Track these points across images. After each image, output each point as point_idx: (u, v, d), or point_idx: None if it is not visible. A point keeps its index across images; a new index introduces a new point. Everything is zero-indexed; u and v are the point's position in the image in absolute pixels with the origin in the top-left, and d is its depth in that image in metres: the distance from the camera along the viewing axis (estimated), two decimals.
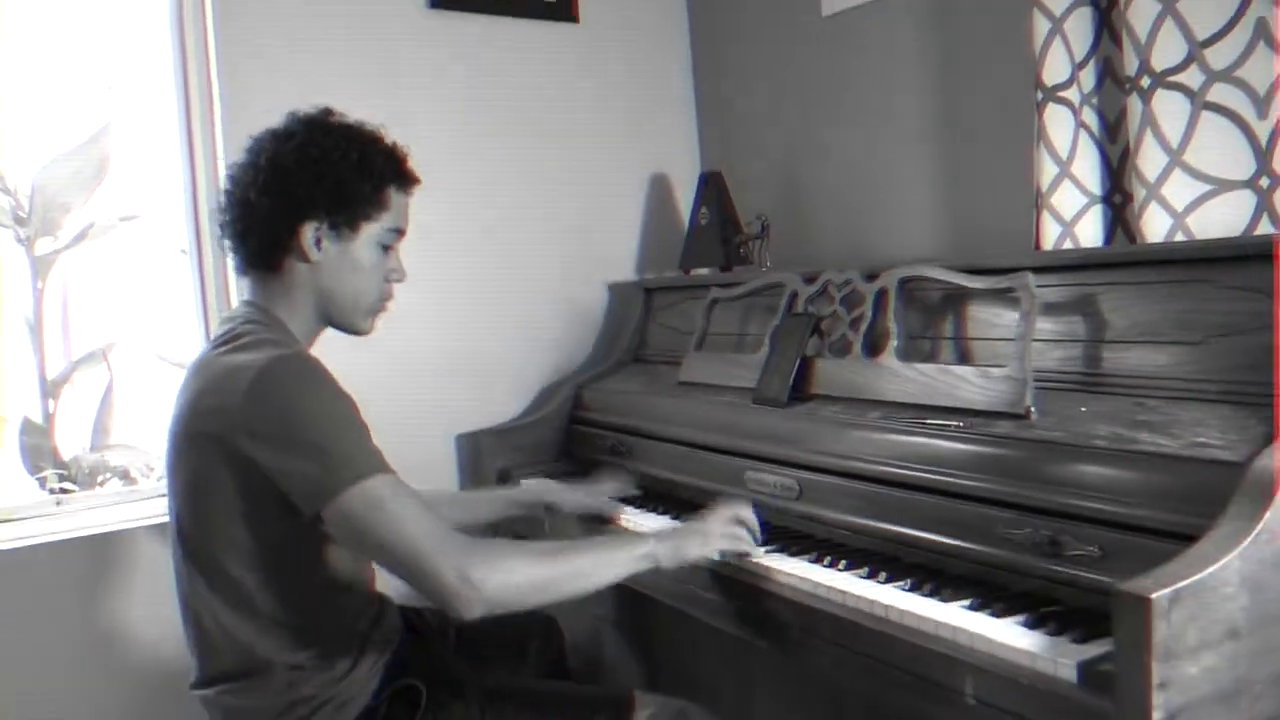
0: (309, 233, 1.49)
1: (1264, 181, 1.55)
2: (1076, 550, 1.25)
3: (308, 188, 1.48)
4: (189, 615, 1.49)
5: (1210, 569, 0.99)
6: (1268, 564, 1.03)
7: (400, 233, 1.58)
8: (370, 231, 1.53)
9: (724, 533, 1.53)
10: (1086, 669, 1.07)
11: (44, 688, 2.02)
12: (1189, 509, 1.14)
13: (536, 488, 2.02)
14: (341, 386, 1.40)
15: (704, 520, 1.55)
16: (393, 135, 1.60)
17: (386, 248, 1.57)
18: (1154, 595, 0.95)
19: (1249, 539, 1.01)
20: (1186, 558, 1.01)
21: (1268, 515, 1.03)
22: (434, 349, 2.42)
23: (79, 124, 2.95)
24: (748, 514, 1.57)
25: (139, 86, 3.00)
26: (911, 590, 1.35)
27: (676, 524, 1.81)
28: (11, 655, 2.00)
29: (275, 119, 1.58)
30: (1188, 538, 1.07)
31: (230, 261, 2.06)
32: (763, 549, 1.56)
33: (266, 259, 1.52)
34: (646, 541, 1.47)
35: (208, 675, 1.48)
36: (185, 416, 1.44)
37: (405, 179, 1.57)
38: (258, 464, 1.34)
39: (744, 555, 1.54)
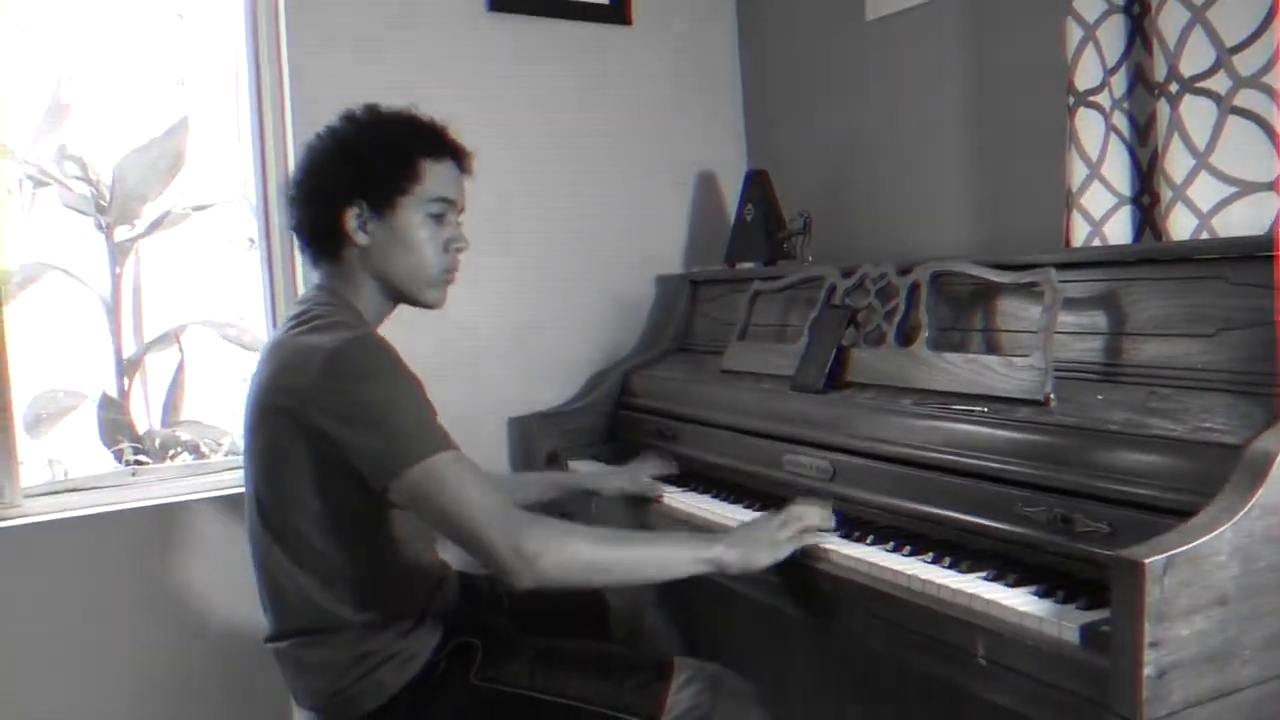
0: (351, 219, 1.59)
1: None
2: (1087, 527, 1.33)
3: (336, 175, 1.59)
4: (264, 575, 1.60)
5: (1203, 539, 1.07)
6: (1258, 537, 1.10)
7: (448, 202, 1.64)
8: (410, 205, 1.60)
9: (790, 537, 1.54)
10: (1088, 631, 1.15)
11: (119, 639, 2.17)
12: (1192, 488, 1.20)
13: (580, 471, 2.11)
14: (408, 367, 1.50)
15: (767, 524, 1.56)
16: (440, 118, 1.67)
17: (437, 218, 1.63)
18: (1148, 560, 1.03)
19: (1241, 513, 1.09)
20: (1182, 529, 1.09)
21: (1260, 492, 1.10)
22: (488, 336, 2.52)
23: (157, 118, 3.10)
24: (816, 512, 1.58)
25: (212, 83, 3.16)
26: (934, 563, 1.44)
27: (717, 502, 1.91)
28: (90, 609, 2.15)
29: (344, 109, 1.68)
30: (1190, 514, 1.14)
31: (298, 250, 2.21)
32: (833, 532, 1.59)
33: (325, 250, 1.63)
34: (714, 546, 1.50)
35: (281, 629, 1.59)
36: (262, 392, 1.55)
37: (440, 148, 1.64)
38: (330, 438, 1.44)
39: (821, 535, 1.57)
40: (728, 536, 1.55)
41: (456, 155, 1.68)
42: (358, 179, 1.59)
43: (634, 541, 1.54)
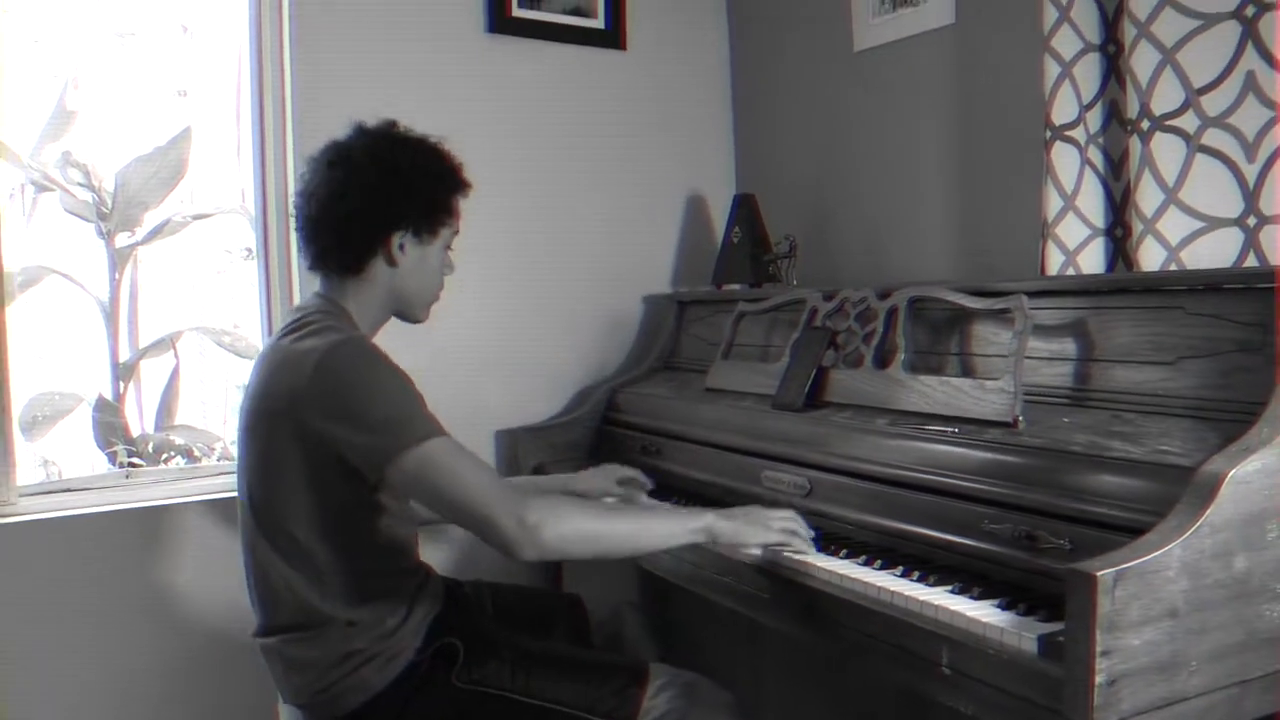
0: (396, 240, 1.66)
1: (1251, 220, 1.67)
2: (1050, 544, 1.38)
3: (400, 202, 1.65)
4: (254, 573, 1.65)
5: (1153, 554, 1.12)
6: (1207, 554, 1.16)
7: (457, 233, 1.77)
8: (443, 236, 1.72)
9: (782, 529, 1.63)
10: (1046, 641, 1.20)
11: (110, 637, 2.20)
12: (1149, 508, 1.26)
13: (561, 477, 2.17)
14: (394, 363, 1.56)
15: (764, 513, 1.65)
16: (448, 146, 1.76)
17: (447, 248, 1.75)
18: (1100, 573, 1.09)
19: (1190, 531, 1.15)
20: (1134, 545, 1.15)
21: (1209, 511, 1.16)
22: (477, 351, 2.57)
23: (160, 128, 3.15)
24: (802, 525, 1.66)
25: (214, 95, 3.21)
26: (903, 576, 1.49)
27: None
28: (83, 606, 2.18)
29: (344, 128, 1.74)
30: (1146, 532, 1.19)
31: (295, 261, 2.26)
32: (813, 550, 1.63)
33: (351, 263, 1.68)
34: (705, 516, 1.58)
35: (270, 626, 1.64)
36: (257, 396, 1.60)
37: (466, 186, 1.75)
38: (324, 438, 1.50)
39: (799, 553, 1.62)
40: (722, 511, 1.62)
41: (468, 192, 1.78)
42: (419, 209, 1.67)
43: (629, 514, 1.64)
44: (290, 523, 1.58)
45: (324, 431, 1.49)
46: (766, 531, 1.61)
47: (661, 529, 1.59)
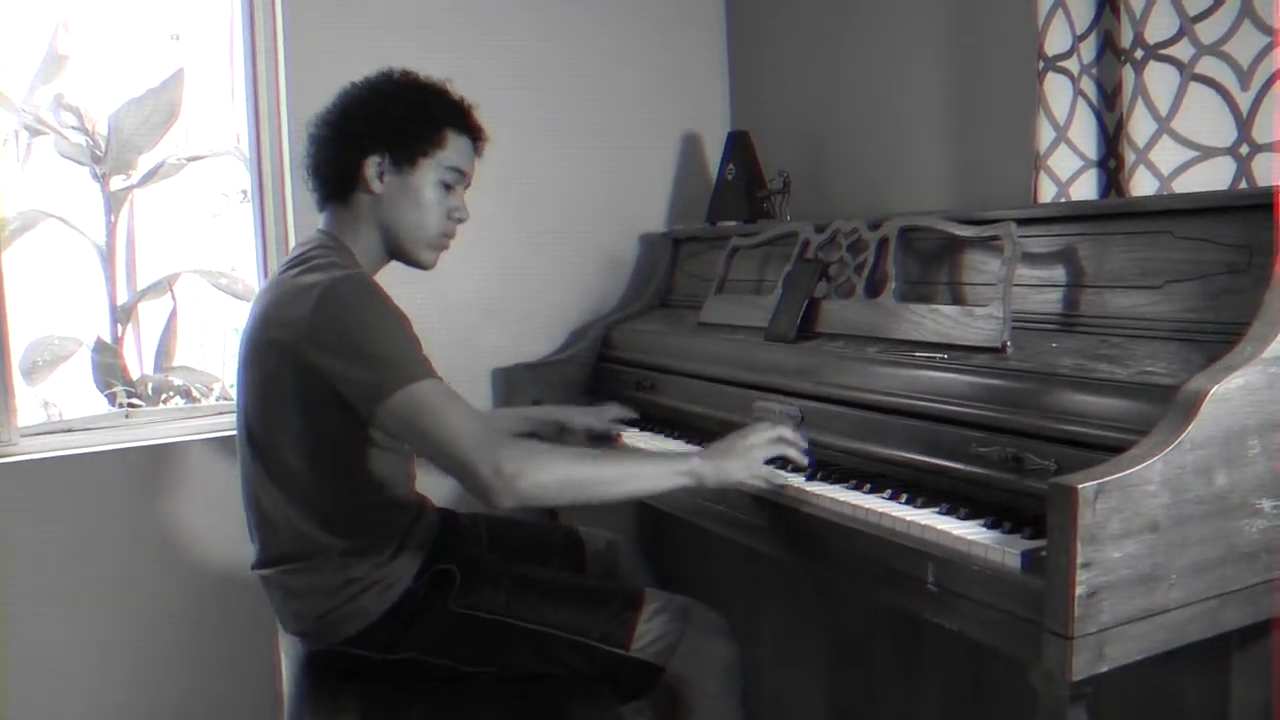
0: (371, 166, 1.66)
1: (1244, 149, 1.67)
2: (1036, 465, 1.40)
3: (368, 124, 1.66)
4: (252, 502, 1.67)
5: (1135, 469, 1.14)
6: (1188, 470, 1.18)
7: (461, 174, 1.74)
8: (428, 167, 1.69)
9: (763, 445, 1.59)
10: (1030, 556, 1.23)
11: (111, 573, 2.24)
12: (1133, 427, 1.28)
13: (551, 407, 2.19)
14: (394, 304, 1.57)
15: (744, 438, 1.60)
16: (469, 99, 1.76)
17: (448, 186, 1.72)
18: (1081, 486, 1.10)
19: (1171, 446, 1.16)
20: (1115, 460, 1.16)
21: (1190, 427, 1.18)
22: (474, 290, 2.58)
23: (152, 70, 3.14)
24: (789, 431, 1.64)
25: (206, 38, 3.19)
26: (892, 499, 1.52)
27: (670, 441, 1.99)
28: (84, 543, 2.21)
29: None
30: None
31: (290, 204, 2.27)
32: (805, 470, 1.64)
33: (336, 192, 1.70)
34: (689, 459, 1.56)
35: (268, 557, 1.67)
36: (258, 327, 1.62)
37: (465, 125, 1.74)
38: (321, 370, 1.51)
39: (794, 466, 1.62)
40: (702, 451, 1.60)
41: (476, 134, 1.77)
42: (387, 131, 1.67)
43: (610, 460, 1.62)
44: (286, 452, 1.60)
45: (320, 364, 1.51)
46: (747, 461, 1.57)
47: (645, 474, 1.57)
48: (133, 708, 2.26)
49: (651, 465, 1.60)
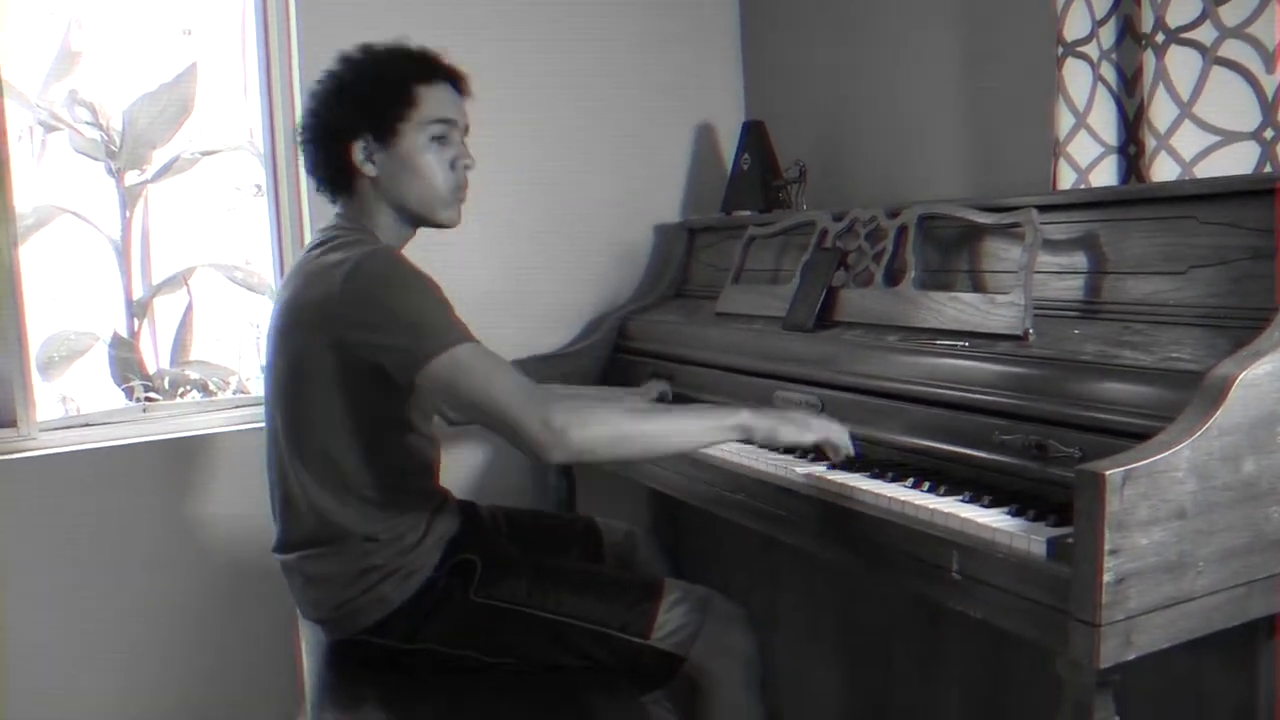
0: (358, 151, 1.66)
1: (1268, 134, 1.65)
2: (1060, 452, 1.39)
3: (338, 112, 1.66)
4: (277, 486, 1.67)
5: (1162, 455, 1.13)
6: (1215, 456, 1.17)
7: (447, 122, 1.70)
8: (411, 131, 1.66)
9: (820, 427, 1.59)
10: (1056, 544, 1.21)
11: (128, 567, 2.25)
12: (1159, 414, 1.27)
13: (591, 389, 2.17)
14: (422, 271, 1.56)
15: (803, 415, 1.62)
16: (433, 47, 1.73)
17: (440, 139, 1.69)
18: (1108, 472, 1.10)
19: (1199, 433, 1.15)
20: (1143, 447, 1.16)
21: (1218, 414, 1.17)
22: (489, 282, 2.58)
23: (165, 65, 3.14)
24: (844, 435, 1.62)
25: (219, 32, 3.20)
26: (914, 488, 1.50)
27: None
28: (102, 536, 2.22)
29: None
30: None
31: (305, 197, 2.27)
32: (853, 454, 1.62)
33: (340, 186, 1.71)
34: (739, 413, 1.55)
35: (290, 541, 1.67)
36: (288, 310, 1.62)
37: (431, 73, 1.70)
38: (356, 346, 1.51)
39: (837, 454, 1.60)
40: (755, 408, 1.59)
41: (451, 77, 1.73)
42: (358, 113, 1.66)
43: (658, 414, 1.62)
44: (319, 434, 1.60)
45: (357, 339, 1.51)
46: (802, 431, 1.57)
47: (694, 427, 1.55)
48: (154, 701, 2.27)
49: (701, 419, 1.58)
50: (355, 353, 1.52)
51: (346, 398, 1.57)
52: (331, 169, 1.69)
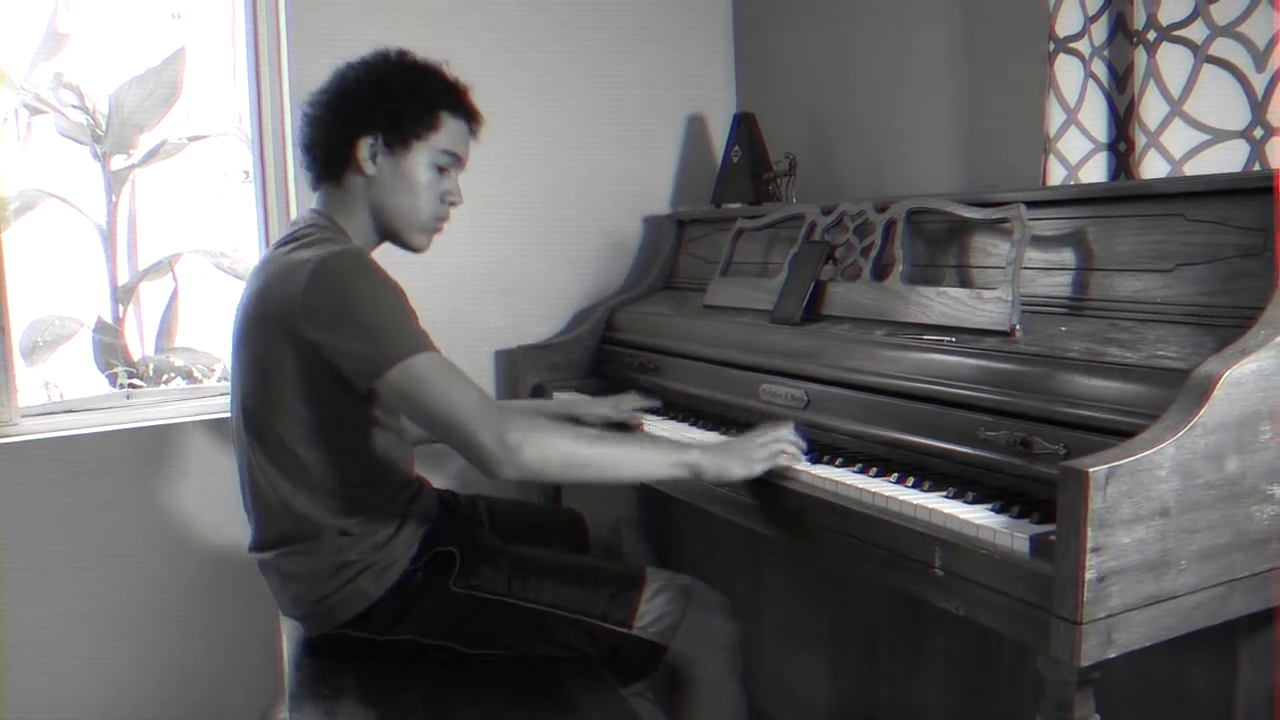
0: (364, 148, 1.65)
1: (1258, 132, 1.65)
2: (1045, 449, 1.39)
3: (362, 105, 1.65)
4: (249, 485, 1.66)
5: (1146, 453, 1.13)
6: (1199, 455, 1.16)
7: (456, 158, 1.72)
8: (422, 150, 1.67)
9: (765, 455, 1.59)
10: (1038, 541, 1.21)
11: (111, 554, 2.24)
12: (1144, 411, 1.26)
13: (564, 399, 2.17)
14: (390, 277, 1.55)
15: (747, 441, 1.62)
16: (456, 72, 1.74)
17: (441, 169, 1.70)
18: (1091, 470, 1.09)
19: (1183, 431, 1.15)
20: (1126, 444, 1.15)
21: (1202, 412, 1.16)
22: (478, 271, 2.58)
23: (153, 49, 3.12)
24: (788, 433, 1.64)
25: (207, 17, 3.17)
26: (898, 483, 1.50)
27: (693, 429, 1.97)
28: (84, 526, 2.21)
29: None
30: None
31: (293, 184, 2.25)
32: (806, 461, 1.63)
33: (329, 172, 1.69)
34: (691, 451, 1.57)
35: (265, 539, 1.66)
36: (252, 304, 1.60)
37: (460, 107, 1.71)
38: (317, 346, 1.50)
39: (793, 466, 1.61)
40: (706, 446, 1.61)
41: (472, 118, 1.75)
42: (380, 113, 1.65)
43: (612, 441, 1.60)
44: (283, 431, 1.58)
45: (317, 340, 1.50)
46: (748, 464, 1.58)
47: (646, 461, 1.57)
48: (132, 688, 2.26)
49: (654, 453, 1.59)
50: (316, 353, 1.51)
51: (308, 396, 1.56)
52: (331, 153, 1.67)
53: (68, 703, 2.20)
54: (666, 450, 1.59)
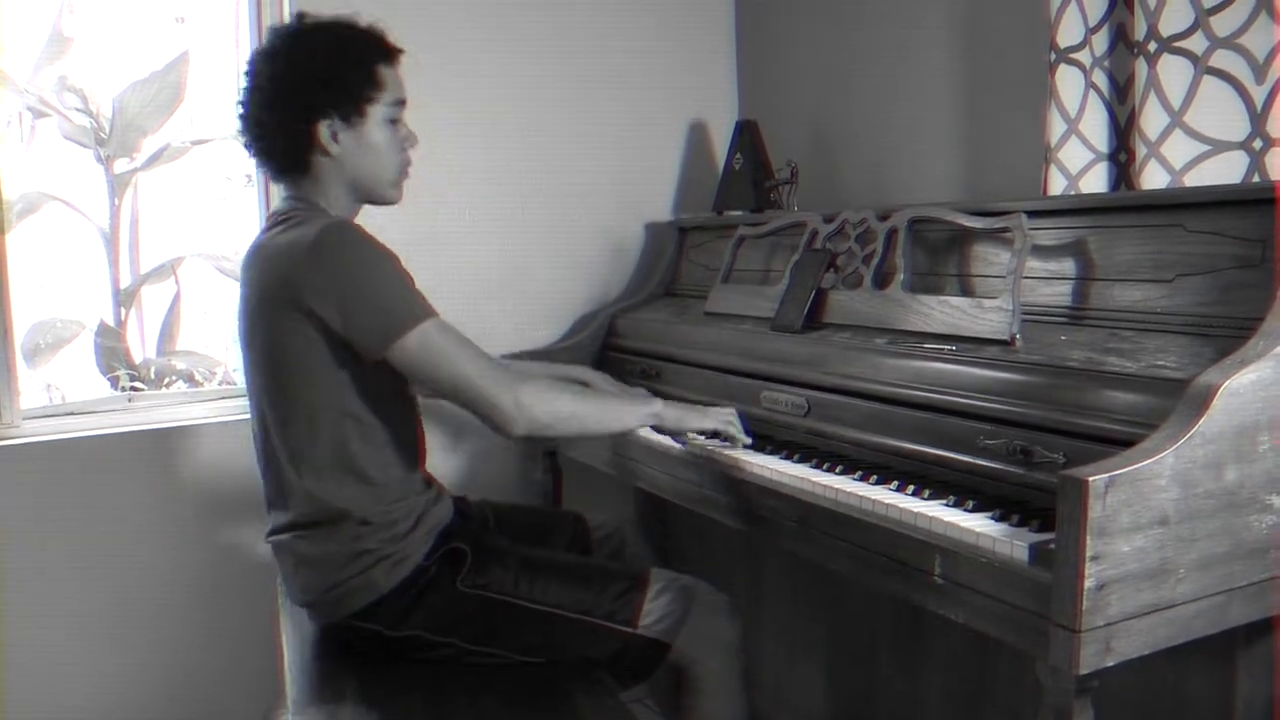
0: (324, 131, 1.64)
1: (1257, 144, 1.66)
2: (1045, 458, 1.40)
3: (310, 93, 1.63)
4: (269, 470, 1.67)
5: (1145, 462, 1.13)
6: (1199, 464, 1.17)
7: (401, 102, 1.71)
8: (376, 112, 1.67)
9: (719, 417, 1.80)
10: (1038, 549, 1.22)
11: (111, 556, 2.25)
12: (1143, 421, 1.27)
13: (576, 367, 2.18)
14: (382, 244, 1.58)
15: (703, 408, 1.83)
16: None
17: (394, 121, 1.70)
18: (1091, 478, 1.10)
19: (1182, 440, 1.16)
20: (1126, 454, 1.16)
21: (1201, 422, 1.17)
22: (479, 277, 2.59)
23: (157, 53, 3.12)
24: (737, 421, 1.82)
25: (211, 21, 3.18)
26: (898, 490, 1.51)
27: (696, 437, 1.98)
28: (86, 528, 2.22)
29: None
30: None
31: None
32: (748, 441, 1.82)
33: (294, 164, 1.68)
34: (655, 404, 1.77)
35: (282, 523, 1.66)
36: (255, 291, 1.61)
37: (389, 53, 1.70)
38: (325, 320, 1.52)
39: (733, 440, 1.81)
40: (670, 402, 1.80)
41: (398, 55, 1.73)
42: (329, 93, 1.64)
43: (597, 399, 1.83)
44: (302, 410, 1.60)
45: (324, 314, 1.52)
46: (703, 418, 1.79)
47: (623, 413, 1.75)
48: (133, 690, 2.27)
49: (627, 406, 1.78)
50: (324, 330, 1.54)
51: (325, 369, 1.57)
52: (293, 150, 1.66)
53: (68, 705, 2.20)
54: (638, 403, 1.78)
